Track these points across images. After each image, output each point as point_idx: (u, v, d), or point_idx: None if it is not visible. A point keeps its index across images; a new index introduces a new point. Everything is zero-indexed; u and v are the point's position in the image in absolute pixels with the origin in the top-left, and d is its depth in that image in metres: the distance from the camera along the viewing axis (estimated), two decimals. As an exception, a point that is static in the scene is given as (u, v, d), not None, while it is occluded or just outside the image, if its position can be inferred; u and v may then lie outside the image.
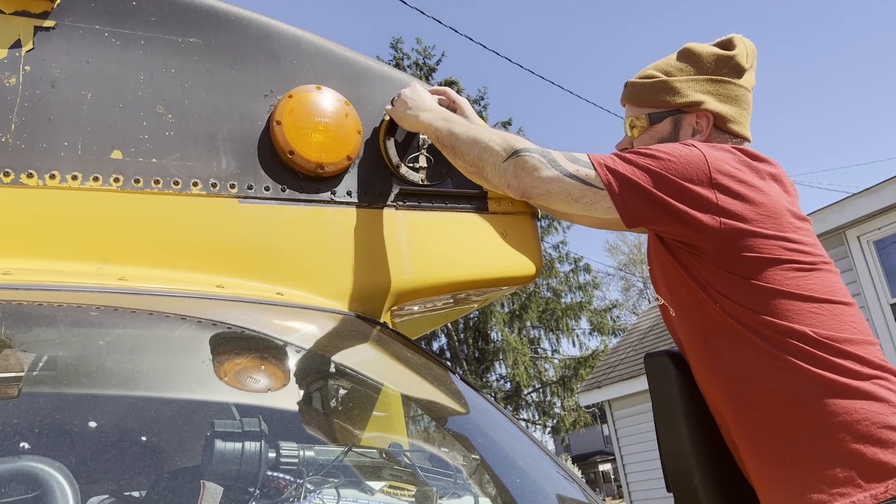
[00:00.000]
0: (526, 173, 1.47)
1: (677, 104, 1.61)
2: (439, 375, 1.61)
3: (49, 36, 1.41)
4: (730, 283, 1.39)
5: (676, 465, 1.45)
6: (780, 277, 1.37)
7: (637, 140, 1.67)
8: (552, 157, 1.47)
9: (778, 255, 1.38)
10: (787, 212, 1.43)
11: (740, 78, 1.62)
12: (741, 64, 1.61)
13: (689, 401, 1.49)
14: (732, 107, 1.61)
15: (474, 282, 1.78)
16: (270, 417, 1.19)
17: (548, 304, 23.82)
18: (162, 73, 1.50)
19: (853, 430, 1.29)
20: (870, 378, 1.34)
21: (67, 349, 1.22)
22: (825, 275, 1.42)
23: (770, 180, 1.46)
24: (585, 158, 1.47)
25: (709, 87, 1.61)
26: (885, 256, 7.26)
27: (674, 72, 1.63)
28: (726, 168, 1.41)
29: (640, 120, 1.66)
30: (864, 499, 1.26)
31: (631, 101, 1.69)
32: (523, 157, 1.48)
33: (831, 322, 1.37)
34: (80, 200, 1.37)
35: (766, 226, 1.39)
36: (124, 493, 1.03)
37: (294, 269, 1.53)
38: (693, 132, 1.61)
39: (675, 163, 1.40)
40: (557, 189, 1.46)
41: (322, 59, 1.68)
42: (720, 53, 1.62)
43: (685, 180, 1.39)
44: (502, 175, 1.51)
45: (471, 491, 1.19)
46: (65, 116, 1.39)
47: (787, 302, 1.36)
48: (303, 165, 1.57)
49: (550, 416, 24.08)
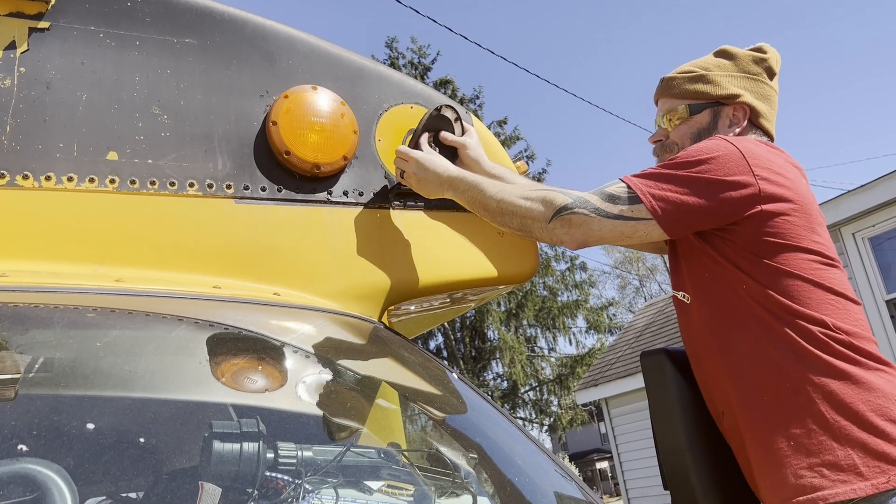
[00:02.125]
0: (575, 228, 1.52)
1: (717, 96, 1.68)
2: (436, 374, 1.61)
3: (44, 37, 1.41)
4: (759, 267, 1.44)
5: (673, 463, 1.45)
6: (805, 266, 1.43)
7: (675, 131, 1.73)
8: (593, 205, 1.51)
9: (806, 245, 1.44)
10: (816, 209, 1.50)
11: (771, 80, 1.72)
12: (773, 67, 1.72)
13: (685, 399, 1.49)
14: (764, 104, 1.70)
15: (471, 281, 1.79)
16: (268, 418, 1.19)
17: (544, 302, 23.84)
18: (157, 73, 1.50)
19: (859, 419, 1.32)
20: (877, 370, 1.38)
21: (64, 351, 1.22)
22: (841, 273, 1.48)
23: (800, 178, 1.53)
24: (625, 191, 1.49)
25: (745, 84, 1.69)
26: (880, 253, 7.27)
27: (712, 68, 1.71)
28: (763, 158, 1.47)
29: (678, 111, 1.72)
30: (865, 487, 1.28)
31: (669, 93, 1.75)
32: (565, 216, 1.52)
33: (845, 316, 1.42)
34: (76, 202, 1.37)
35: (798, 215, 1.45)
36: (122, 495, 1.03)
37: (291, 269, 1.53)
38: (730, 124, 1.68)
39: (714, 162, 1.45)
40: (609, 233, 1.51)
41: (317, 59, 1.68)
42: (755, 55, 1.72)
43: (727, 175, 1.44)
44: (552, 235, 1.56)
45: (469, 490, 1.19)
46: (60, 118, 1.39)
47: (810, 289, 1.42)
48: (299, 165, 1.57)
49: (547, 415, 24.11)
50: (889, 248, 7.25)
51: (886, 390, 1.35)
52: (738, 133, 1.66)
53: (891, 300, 7.14)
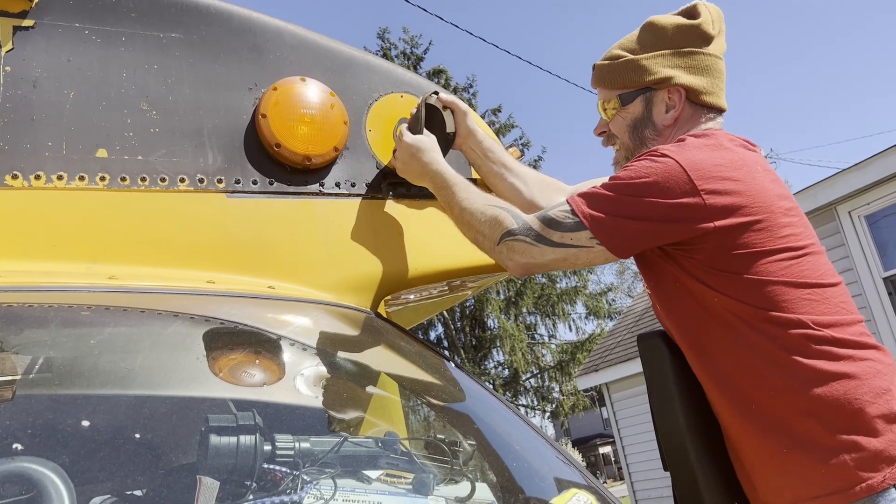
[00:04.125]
0: (519, 255, 1.50)
1: (646, 82, 1.57)
2: (433, 363, 1.61)
3: (29, 35, 1.40)
4: (726, 280, 1.37)
5: (672, 444, 1.46)
6: (774, 268, 1.36)
7: (612, 123, 1.64)
8: (535, 232, 1.48)
9: (770, 246, 1.37)
10: (775, 196, 1.41)
11: (708, 46, 1.57)
12: (707, 32, 1.56)
13: (682, 380, 1.49)
14: (704, 77, 1.56)
15: (465, 269, 1.78)
16: (266, 411, 1.19)
17: (543, 289, 23.87)
18: (144, 69, 1.49)
19: (848, 420, 1.29)
20: (861, 360, 1.34)
21: (60, 350, 1.22)
22: (814, 258, 1.41)
23: (753, 165, 1.44)
24: (568, 216, 1.45)
25: (677, 61, 1.56)
26: (876, 231, 7.27)
27: (639, 49, 1.59)
28: (707, 168, 1.37)
29: (611, 102, 1.62)
30: (861, 489, 1.26)
31: (601, 83, 1.65)
32: (510, 242, 1.50)
33: (823, 307, 1.36)
34: (67, 200, 1.37)
35: (757, 217, 1.37)
36: (122, 492, 1.03)
37: (285, 262, 1.53)
38: (666, 108, 1.57)
39: (656, 185, 1.37)
40: (552, 260, 1.49)
41: (306, 51, 1.67)
42: (684, 23, 1.56)
43: (672, 198, 1.36)
44: (499, 258, 1.55)
45: (469, 477, 1.19)
46: (48, 116, 1.38)
47: (784, 291, 1.35)
48: (290, 158, 1.57)
49: (549, 401, 24.20)
50: (885, 226, 7.26)
51: (872, 384, 1.32)
52: (675, 117, 1.56)
53: (888, 277, 7.15)
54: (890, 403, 1.31)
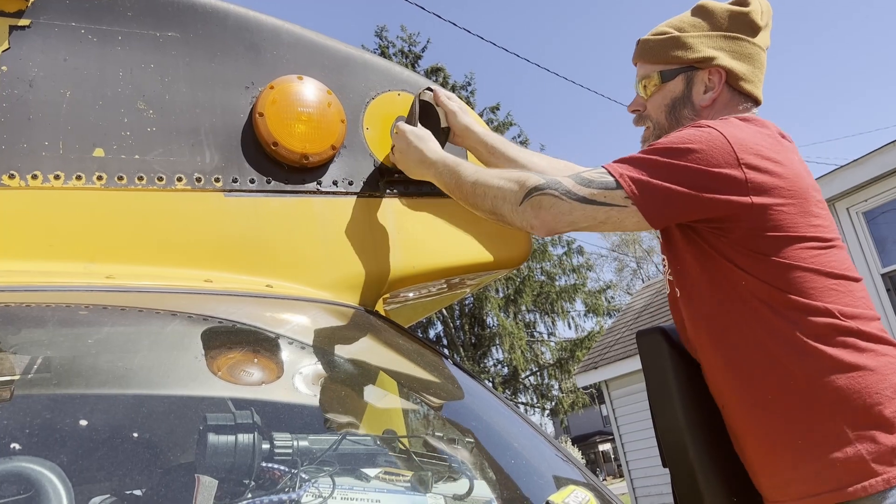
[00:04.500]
0: (545, 211, 1.45)
1: (689, 60, 1.57)
2: (432, 361, 1.61)
3: (25, 35, 1.40)
4: (757, 262, 1.37)
5: (671, 440, 1.46)
6: (805, 255, 1.36)
7: (650, 102, 1.64)
8: (565, 188, 1.43)
9: (803, 231, 1.37)
10: (810, 185, 1.42)
11: (755, 36, 1.58)
12: (756, 21, 1.57)
13: (682, 376, 1.49)
14: (745, 65, 1.57)
15: (464, 267, 1.78)
16: (265, 410, 1.19)
17: (542, 287, 23.90)
18: (141, 68, 1.49)
19: (867, 413, 1.29)
20: (883, 355, 1.34)
21: (57, 349, 1.22)
22: (840, 252, 1.42)
23: (791, 152, 1.45)
24: (603, 176, 1.42)
25: (722, 44, 1.57)
26: (874, 227, 7.28)
27: (686, 28, 1.60)
28: (750, 145, 1.38)
29: (651, 78, 1.62)
30: (876, 483, 1.25)
31: (643, 58, 1.65)
32: (537, 197, 1.45)
33: (848, 299, 1.37)
34: (64, 200, 1.37)
35: (793, 201, 1.37)
36: (121, 491, 1.03)
37: (283, 260, 1.53)
38: (705, 89, 1.57)
39: (699, 152, 1.36)
40: (581, 218, 1.43)
41: (302, 49, 1.67)
42: (734, 10, 1.58)
43: (713, 167, 1.35)
44: (522, 218, 1.49)
45: (467, 475, 1.19)
46: (45, 115, 1.38)
47: (813, 279, 1.35)
48: (287, 156, 1.56)
49: (549, 399, 24.24)
50: (883, 222, 7.26)
51: (893, 380, 1.31)
52: (713, 98, 1.57)
53: (886, 273, 7.17)
54: None
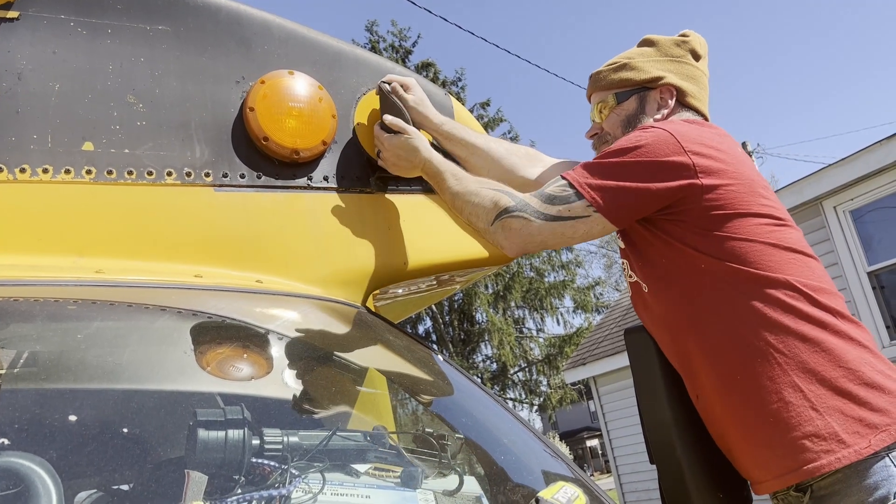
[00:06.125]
0: (514, 234, 1.53)
1: (641, 81, 1.70)
2: (421, 357, 1.62)
3: (13, 27, 1.38)
4: (712, 241, 1.43)
5: (658, 437, 1.47)
6: (759, 230, 1.43)
7: (606, 122, 1.74)
8: (532, 208, 1.51)
9: (755, 209, 1.44)
10: (755, 173, 1.51)
11: (697, 61, 1.74)
12: (696, 49, 1.74)
13: (669, 373, 1.50)
14: (692, 84, 1.71)
15: (454, 263, 1.79)
16: (254, 405, 1.19)
17: (531, 283, 23.92)
18: (131, 61, 1.48)
19: (834, 385, 1.33)
20: (844, 330, 1.39)
21: (46, 344, 1.21)
22: (796, 231, 1.49)
23: (735, 145, 1.55)
24: (564, 189, 1.50)
25: (670, 66, 1.71)
26: (861, 225, 7.33)
27: (635, 56, 1.73)
28: (693, 136, 1.48)
29: (606, 102, 1.73)
30: (849, 454, 1.29)
31: (597, 87, 1.76)
32: (505, 220, 1.53)
33: (808, 272, 1.43)
34: (53, 194, 1.36)
35: (739, 181, 1.46)
36: (110, 486, 1.03)
37: (273, 256, 1.53)
38: (658, 107, 1.69)
39: (646, 147, 1.46)
40: (550, 236, 1.52)
41: (294, 44, 1.67)
42: (677, 39, 1.74)
43: (660, 156, 1.45)
44: (494, 239, 1.57)
45: (456, 470, 1.20)
46: (33, 109, 1.37)
47: (769, 251, 1.42)
48: (278, 151, 1.56)
49: (537, 395, 24.28)
50: (870, 221, 7.32)
51: (856, 352, 1.36)
52: (666, 115, 1.68)
53: (872, 272, 7.22)
54: (873, 372, 1.35)
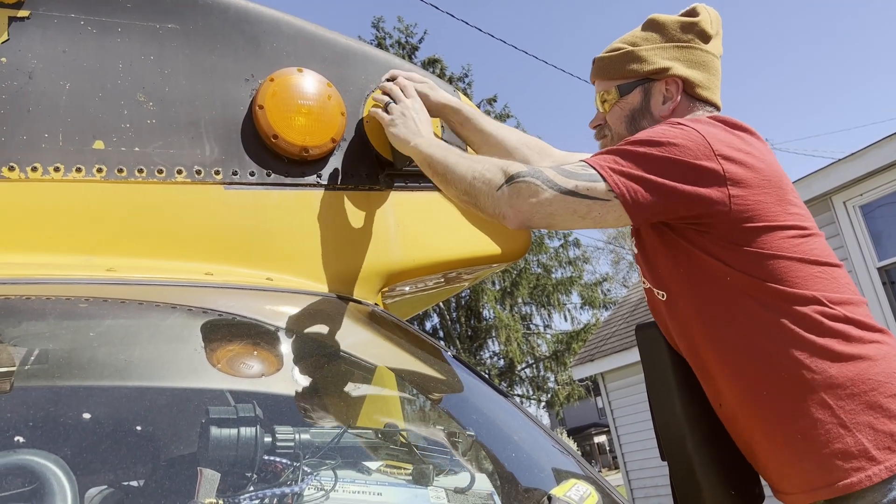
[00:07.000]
0: (522, 200, 1.40)
1: (645, 72, 1.59)
2: (432, 354, 1.62)
3: (24, 26, 1.39)
4: (740, 255, 1.37)
5: (670, 433, 1.46)
6: (787, 244, 1.37)
7: (609, 114, 1.65)
8: (546, 177, 1.39)
9: (782, 220, 1.38)
10: (784, 176, 1.44)
11: (707, 44, 1.61)
12: (706, 30, 1.60)
13: (680, 370, 1.50)
14: (701, 72, 1.59)
15: (463, 260, 1.79)
16: (265, 402, 1.19)
17: (538, 279, 23.91)
18: (141, 60, 1.48)
19: (862, 401, 1.29)
20: (872, 342, 1.34)
21: (58, 342, 1.22)
22: (820, 239, 1.43)
23: (763, 146, 1.46)
24: (586, 168, 1.40)
25: (676, 54, 1.59)
26: (871, 221, 7.28)
27: (639, 42, 1.62)
28: (722, 140, 1.39)
29: (609, 93, 1.63)
30: (879, 471, 1.25)
31: (600, 75, 1.66)
32: (517, 183, 1.41)
33: (833, 285, 1.37)
34: (64, 192, 1.36)
35: (769, 191, 1.38)
36: (123, 484, 1.04)
37: (283, 253, 1.53)
38: (664, 100, 1.59)
39: (678, 146, 1.36)
40: (561, 209, 1.39)
41: (303, 42, 1.67)
42: (684, 20, 1.61)
43: (693, 159, 1.36)
44: (496, 205, 1.44)
45: (467, 467, 1.20)
46: (44, 107, 1.37)
47: (797, 267, 1.36)
48: (287, 149, 1.56)
49: (544, 391, 24.29)
50: (880, 216, 7.28)
51: (884, 365, 1.32)
52: (673, 108, 1.57)
53: (882, 267, 7.18)
54: None
